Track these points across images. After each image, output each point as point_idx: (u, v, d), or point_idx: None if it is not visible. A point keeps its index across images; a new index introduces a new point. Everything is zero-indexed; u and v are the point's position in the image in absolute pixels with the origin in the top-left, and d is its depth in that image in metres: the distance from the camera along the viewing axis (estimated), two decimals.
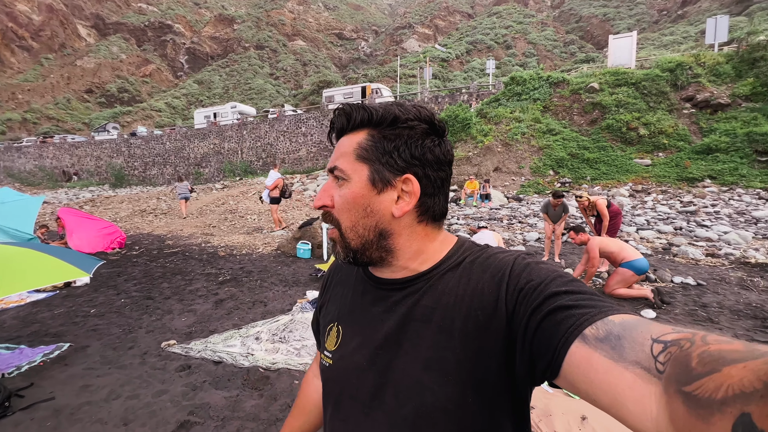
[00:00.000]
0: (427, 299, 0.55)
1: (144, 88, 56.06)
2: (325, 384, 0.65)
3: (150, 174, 27.59)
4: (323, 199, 0.59)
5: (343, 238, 0.58)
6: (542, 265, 0.52)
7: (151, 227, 10.66)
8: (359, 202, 0.56)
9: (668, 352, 0.33)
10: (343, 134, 0.60)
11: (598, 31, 48.78)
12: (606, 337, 0.38)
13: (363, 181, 0.56)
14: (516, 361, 0.48)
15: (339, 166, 0.57)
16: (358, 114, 0.57)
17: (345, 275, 0.70)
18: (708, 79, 13.19)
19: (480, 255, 0.57)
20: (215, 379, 2.69)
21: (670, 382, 0.31)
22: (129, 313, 4.09)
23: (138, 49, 61.60)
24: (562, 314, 0.43)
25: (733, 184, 10.29)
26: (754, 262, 5.56)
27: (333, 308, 0.68)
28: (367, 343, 0.58)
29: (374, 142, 0.56)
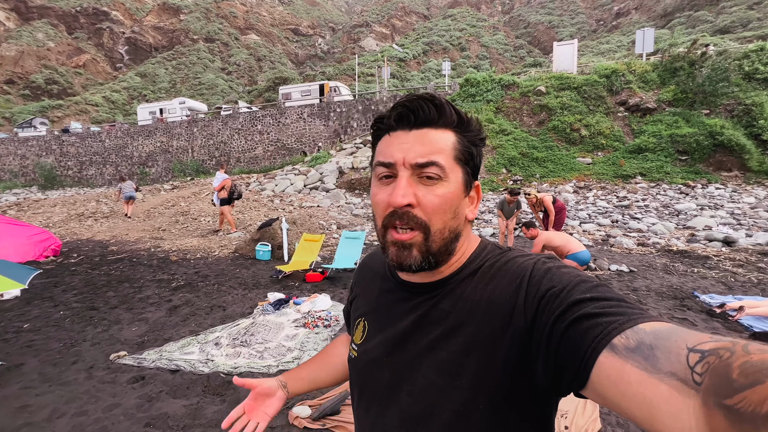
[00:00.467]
0: (445, 303, 0.56)
1: (77, 79, 51.05)
2: (351, 374, 0.69)
3: (87, 174, 25.25)
4: (409, 196, 0.53)
5: (427, 240, 0.54)
6: (564, 270, 0.50)
7: (91, 232, 9.81)
8: (453, 204, 0.55)
9: (706, 363, 0.31)
10: (424, 126, 0.55)
11: (544, 37, 51.95)
12: (638, 347, 0.36)
13: (459, 183, 0.55)
14: (538, 371, 0.46)
15: (440, 163, 0.53)
16: (451, 112, 0.55)
17: (373, 273, 0.72)
18: (638, 86, 14.59)
19: (499, 259, 0.57)
20: (173, 388, 2.59)
21: (709, 394, 0.29)
22: (70, 326, 3.77)
23: (69, 37, 55.90)
24: (589, 323, 0.41)
25: (660, 180, 11.48)
26: (675, 249, 6.29)
27: (362, 303, 0.72)
28: (387, 341, 0.61)
29: (465, 147, 0.56)
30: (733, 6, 38.53)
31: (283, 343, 3.27)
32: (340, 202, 12.13)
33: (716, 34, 31.60)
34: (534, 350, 0.47)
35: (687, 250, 6.16)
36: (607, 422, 2.17)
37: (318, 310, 3.93)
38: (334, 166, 15.12)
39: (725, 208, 8.90)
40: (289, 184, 14.61)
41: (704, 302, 3.90)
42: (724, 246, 6.34)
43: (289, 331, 3.53)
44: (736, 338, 0.33)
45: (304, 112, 20.89)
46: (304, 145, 20.83)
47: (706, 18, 38.90)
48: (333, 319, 3.74)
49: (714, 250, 6.13)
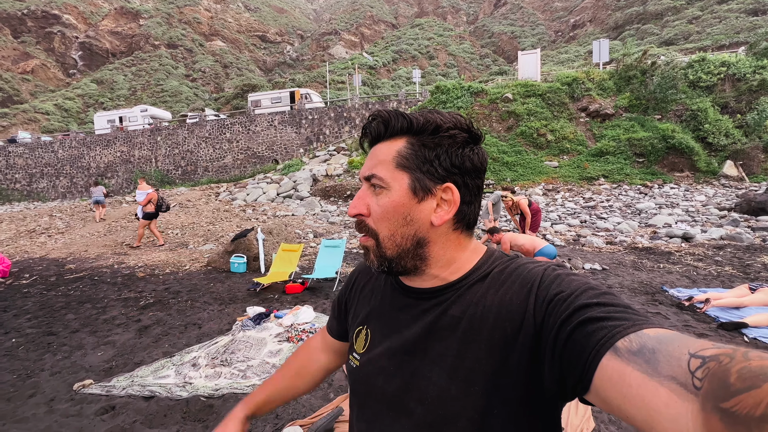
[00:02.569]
0: (455, 309, 0.56)
1: (24, 86, 47.59)
2: (352, 385, 0.65)
3: (38, 188, 23.46)
4: (359, 207, 0.58)
5: (379, 247, 0.57)
6: (573, 277, 0.51)
7: (45, 250, 9.07)
8: (399, 211, 0.55)
9: (706, 368, 0.32)
10: (378, 141, 0.59)
11: (508, 46, 54.19)
12: (640, 351, 0.37)
13: (403, 190, 0.55)
14: (545, 375, 0.47)
15: (378, 174, 0.56)
16: (397, 121, 0.56)
17: (375, 278, 0.70)
18: (597, 93, 15.46)
19: (509, 265, 0.57)
20: (148, 417, 2.38)
21: (707, 398, 0.30)
22: (24, 355, 3.42)
23: (14, 41, 52.13)
24: (593, 326, 0.42)
25: (621, 181, 12.17)
26: (641, 246, 6.64)
27: (361, 309, 0.69)
28: (394, 349, 0.59)
29: (414, 151, 0.56)
30: (675, 20, 41.95)
31: (267, 360, 3.11)
32: (315, 210, 11.94)
33: (662, 45, 34.22)
34: (542, 354, 0.47)
35: (651, 247, 6.52)
36: (600, 420, 2.21)
37: (301, 323, 3.79)
38: (308, 173, 14.91)
39: (680, 206, 9.53)
40: (262, 192, 14.23)
41: (673, 296, 4.11)
42: (683, 242, 6.76)
43: (272, 346, 3.37)
44: (737, 345, 0.34)
45: (275, 120, 20.52)
46: (276, 153, 20.42)
47: (652, 31, 42.07)
48: (318, 331, 3.62)
49: (675, 245, 6.52)
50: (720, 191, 10.98)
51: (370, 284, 0.71)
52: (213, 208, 12.71)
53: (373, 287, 0.70)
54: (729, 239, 6.68)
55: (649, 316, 0.43)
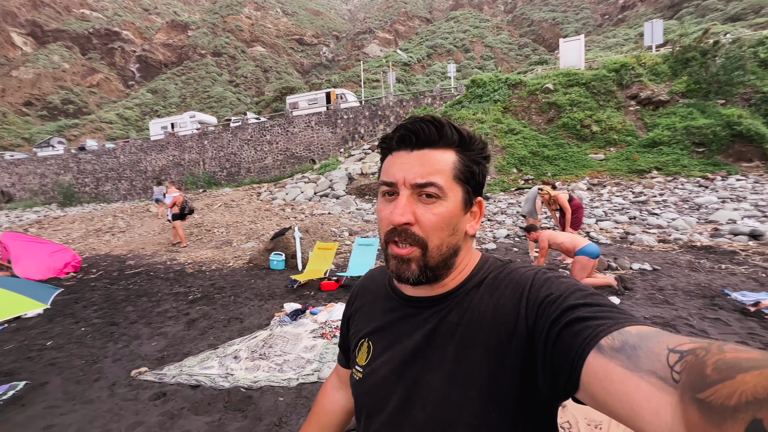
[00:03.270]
0: (453, 316, 0.58)
1: (92, 98, 52.57)
2: (357, 398, 0.67)
3: (103, 190, 25.88)
4: (407, 215, 0.55)
5: (425, 256, 0.56)
6: (562, 279, 0.52)
7: (109, 247, 10.00)
8: (452, 222, 0.57)
9: (684, 362, 0.33)
10: (425, 146, 0.57)
11: (549, 34, 51.53)
12: (622, 347, 0.38)
13: (458, 201, 0.57)
14: (538, 376, 0.48)
15: (438, 183, 0.55)
16: (452, 132, 0.57)
17: (373, 290, 0.72)
18: (649, 78, 14.29)
19: (502, 270, 0.59)
20: (194, 405, 2.57)
21: (685, 390, 0.31)
22: (91, 343, 3.81)
23: (82, 58, 57.70)
24: (579, 326, 0.43)
25: (677, 173, 11.18)
26: (699, 245, 6.08)
27: (363, 323, 0.70)
28: (396, 358, 0.60)
29: (466, 165, 0.58)
30: None
31: (302, 355, 3.24)
32: (350, 208, 12.13)
33: (727, 22, 30.84)
34: (535, 356, 0.48)
35: (712, 246, 5.95)
36: None
37: (335, 320, 3.89)
38: (343, 172, 15.17)
39: (748, 200, 8.59)
40: (300, 192, 14.69)
41: (736, 300, 3.73)
42: (751, 240, 6.10)
43: (307, 342, 3.50)
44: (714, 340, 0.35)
45: (312, 120, 21.07)
46: (313, 153, 20.98)
47: (715, 6, 38.05)
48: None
49: (741, 244, 5.90)
50: None
51: (369, 298, 0.72)
52: (255, 208, 13.32)
53: (373, 300, 0.71)
54: None
55: (633, 315, 0.44)
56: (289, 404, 2.52)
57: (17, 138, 42.52)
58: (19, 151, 35.93)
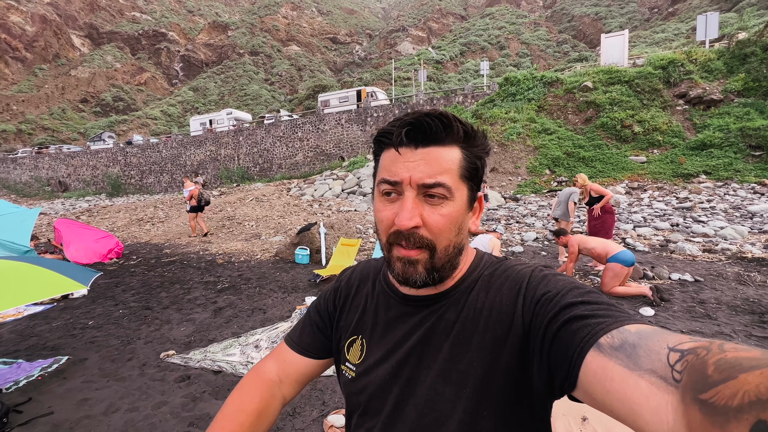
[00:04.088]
0: (450, 314, 0.57)
1: (139, 96, 56.04)
2: (349, 397, 0.66)
3: (147, 182, 27.53)
4: (416, 219, 0.52)
5: (432, 259, 0.53)
6: (559, 277, 0.51)
7: (149, 236, 10.63)
8: (458, 222, 0.54)
9: (685, 361, 0.33)
10: (431, 143, 0.53)
11: (591, 30, 49.14)
12: (621, 346, 0.38)
13: (463, 201, 0.54)
14: (534, 374, 0.47)
15: (446, 184, 0.52)
16: (458, 127, 0.53)
17: (367, 287, 0.69)
18: (700, 76, 13.30)
19: (498, 268, 0.58)
20: (215, 389, 2.68)
21: (686, 390, 0.31)
22: (127, 324, 4.07)
23: (132, 58, 61.61)
24: (578, 324, 0.42)
25: (728, 179, 10.35)
26: (750, 256, 5.59)
27: (354, 318, 0.67)
28: (391, 358, 0.60)
29: (470, 162, 0.54)
30: None
31: None
32: None
33: None
34: (531, 353, 0.48)
35: (765, 258, 5.45)
36: None
37: None
38: (371, 170, 15.23)
39: None
40: (328, 188, 14.93)
41: None
42: None
43: None
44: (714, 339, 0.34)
45: (342, 118, 21.33)
46: (342, 151, 21.25)
47: None
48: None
49: None
50: None
51: (362, 293, 0.69)
52: (284, 203, 13.69)
53: (367, 296, 0.68)
54: None
55: (632, 313, 0.43)
56: (303, 396, 2.57)
57: (74, 132, 46.13)
58: (75, 144, 38.97)
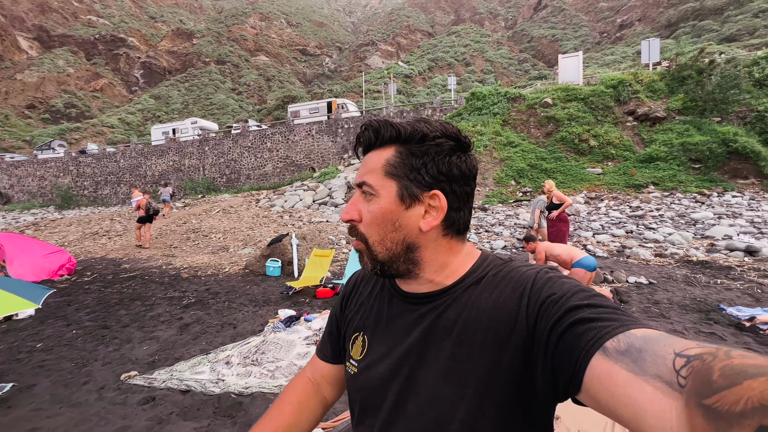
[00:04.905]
0: (451, 312, 0.57)
1: (95, 103, 52.99)
2: (351, 392, 0.67)
3: (102, 194, 25.86)
4: (351, 213, 0.60)
5: (369, 250, 0.59)
6: (564, 280, 0.51)
7: (105, 251, 9.95)
8: (388, 217, 0.57)
9: (690, 366, 0.32)
10: (370, 149, 0.61)
11: (548, 50, 52.43)
12: (627, 350, 0.38)
13: (391, 197, 0.57)
14: (537, 376, 0.47)
15: (368, 182, 0.58)
16: (386, 130, 0.58)
17: (371, 286, 0.71)
18: (646, 95, 14.51)
19: (502, 269, 0.58)
20: (183, 410, 2.53)
21: (691, 395, 0.31)
22: (82, 345, 3.76)
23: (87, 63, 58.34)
24: (583, 327, 0.42)
25: (673, 189, 11.27)
26: (695, 260, 6.09)
27: (358, 317, 0.70)
28: (392, 354, 0.60)
29: (402, 159, 0.57)
30: (738, 15, 38.53)
31: (294, 362, 3.20)
32: None
33: (722, 42, 31.50)
34: (535, 356, 0.48)
35: (708, 261, 5.96)
36: None
37: None
38: (342, 181, 15.22)
39: (744, 216, 8.65)
40: (299, 199, 14.72)
41: (731, 315, 3.73)
42: (746, 256, 6.12)
43: (300, 349, 3.46)
44: (721, 345, 0.34)
45: (313, 129, 21.23)
46: (313, 161, 21.08)
47: (711, 27, 38.91)
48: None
49: (736, 260, 5.92)
50: None
51: (366, 292, 0.72)
52: (253, 214, 13.32)
53: (370, 294, 0.70)
54: None
55: (637, 317, 0.43)
56: None
57: (18, 140, 42.68)
58: (19, 153, 36.00)
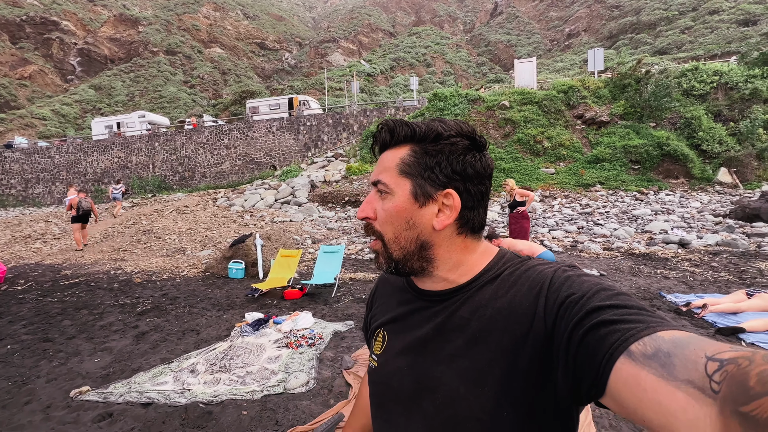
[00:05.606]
0: (464, 310, 0.56)
1: (22, 91, 47.56)
2: (371, 385, 0.67)
3: (33, 193, 23.34)
4: (367, 211, 0.61)
5: (386, 249, 0.60)
6: (584, 278, 0.50)
7: (41, 256, 9.00)
8: (402, 215, 0.58)
9: (724, 371, 0.31)
10: (386, 148, 0.62)
11: (504, 55, 54.83)
12: (655, 354, 0.36)
13: (406, 195, 0.58)
14: (558, 379, 0.46)
15: (383, 180, 0.59)
16: (401, 130, 0.60)
17: (392, 283, 0.73)
18: (592, 101, 15.64)
19: (519, 267, 0.57)
20: (146, 425, 2.36)
21: (726, 402, 0.29)
22: (20, 361, 3.38)
23: (12, 47, 52.19)
24: (607, 329, 0.41)
25: (617, 188, 12.26)
26: (638, 252, 6.68)
27: (380, 313, 0.72)
28: (407, 350, 0.61)
29: (417, 158, 0.58)
30: (668, 30, 42.65)
31: (266, 366, 3.10)
32: (313, 216, 11.94)
33: (656, 54, 34.74)
34: (554, 358, 0.46)
35: (648, 253, 6.56)
36: (601, 425, 2.21)
37: (300, 329, 3.78)
38: (306, 179, 14.93)
39: (676, 212, 9.61)
40: (260, 198, 14.22)
41: (671, 301, 4.14)
42: (680, 248, 6.81)
43: (271, 352, 3.36)
44: (757, 349, 0.33)
45: (273, 126, 20.59)
46: (274, 159, 20.46)
47: (646, 40, 42.74)
48: (317, 337, 3.60)
49: (671, 251, 6.56)
50: (715, 198, 11.08)
51: (388, 289, 0.74)
52: (210, 214, 12.68)
53: (391, 291, 0.72)
54: (725, 245, 6.73)
55: (664, 317, 0.42)
56: (253, 418, 2.39)
57: None
58: None
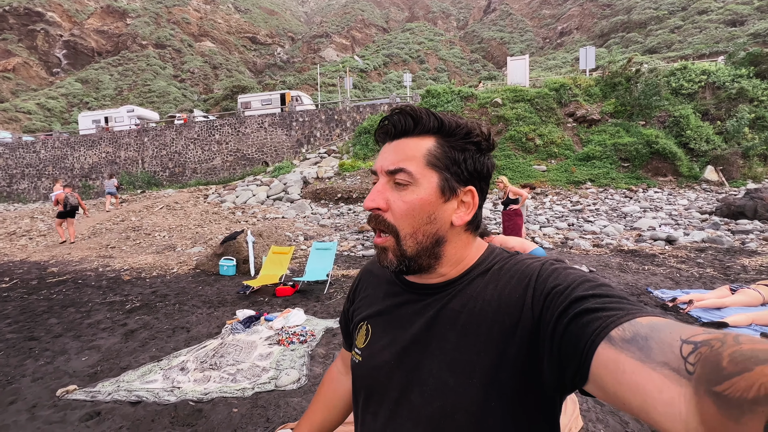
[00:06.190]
0: (455, 303, 0.57)
1: (6, 84, 46.37)
2: (355, 380, 0.66)
3: (18, 189, 22.84)
4: (377, 201, 0.57)
5: (399, 245, 0.57)
6: (570, 270, 0.51)
7: (26, 253, 8.82)
8: (426, 209, 0.56)
9: (698, 353, 0.32)
10: (404, 136, 0.58)
11: (497, 52, 54.96)
12: (633, 339, 0.37)
13: (432, 188, 0.56)
14: (544, 368, 0.47)
15: (407, 169, 0.55)
16: (429, 119, 0.57)
17: (376, 277, 0.72)
18: (584, 99, 15.78)
19: (508, 261, 0.58)
20: (135, 423, 2.34)
21: (700, 382, 0.30)
22: (4, 360, 3.31)
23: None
24: (588, 317, 0.42)
25: (607, 185, 12.42)
26: (626, 249, 6.78)
27: (364, 307, 0.70)
28: (396, 343, 0.60)
29: (445, 151, 0.56)
30: (658, 30, 43.15)
31: (257, 363, 3.08)
32: (305, 212, 11.88)
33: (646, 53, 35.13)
34: (540, 347, 0.47)
35: (636, 250, 6.66)
36: (588, 419, 2.25)
37: (292, 326, 3.77)
38: (298, 176, 14.83)
39: (664, 209, 9.77)
40: (251, 195, 14.10)
41: (658, 297, 4.21)
42: (667, 244, 6.93)
43: (262, 349, 3.34)
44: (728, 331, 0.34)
45: (265, 122, 20.39)
46: (266, 155, 20.28)
47: (636, 39, 43.20)
48: (309, 334, 3.60)
49: (659, 248, 6.68)
50: (701, 195, 11.29)
51: (372, 282, 0.72)
52: (201, 211, 12.54)
53: (376, 284, 0.71)
54: (710, 242, 6.87)
55: (643, 306, 0.44)
56: (244, 415, 2.38)
57: None
58: None
